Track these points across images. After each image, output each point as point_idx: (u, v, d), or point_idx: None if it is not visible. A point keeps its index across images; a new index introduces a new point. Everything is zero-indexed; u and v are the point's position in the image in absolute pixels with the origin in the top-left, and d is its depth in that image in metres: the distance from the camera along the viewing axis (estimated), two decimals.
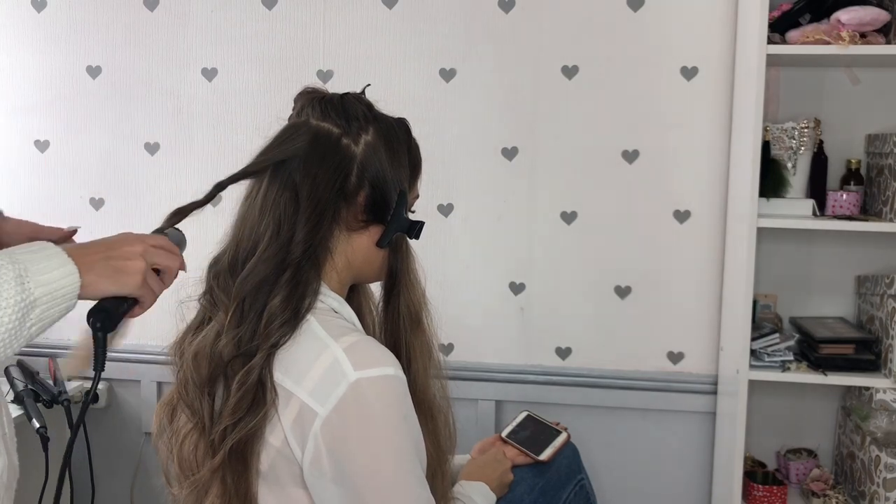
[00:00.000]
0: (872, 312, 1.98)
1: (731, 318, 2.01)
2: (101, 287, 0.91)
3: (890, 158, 1.88)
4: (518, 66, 2.15)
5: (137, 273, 0.93)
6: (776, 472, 2.07)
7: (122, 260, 0.93)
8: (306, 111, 1.12)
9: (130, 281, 0.92)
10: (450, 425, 1.17)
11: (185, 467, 1.09)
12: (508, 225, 2.19)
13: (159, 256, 0.97)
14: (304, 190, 1.05)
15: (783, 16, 1.90)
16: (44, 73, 2.32)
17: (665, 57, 2.10)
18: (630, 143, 2.13)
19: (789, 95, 2.06)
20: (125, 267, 0.92)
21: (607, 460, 2.20)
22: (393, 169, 1.11)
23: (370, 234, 1.11)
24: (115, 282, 0.92)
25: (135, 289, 0.93)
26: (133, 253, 0.94)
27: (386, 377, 0.99)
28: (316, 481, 1.00)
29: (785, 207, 1.93)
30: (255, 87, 2.24)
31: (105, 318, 0.93)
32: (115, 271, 0.92)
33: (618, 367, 2.19)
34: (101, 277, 0.91)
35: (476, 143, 2.18)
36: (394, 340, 1.14)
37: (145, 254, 0.95)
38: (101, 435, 2.37)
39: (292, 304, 1.02)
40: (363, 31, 2.19)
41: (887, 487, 1.84)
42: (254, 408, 1.00)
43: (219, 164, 2.27)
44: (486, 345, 2.23)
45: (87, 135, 2.33)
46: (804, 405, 2.15)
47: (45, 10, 2.30)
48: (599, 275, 2.18)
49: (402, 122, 1.16)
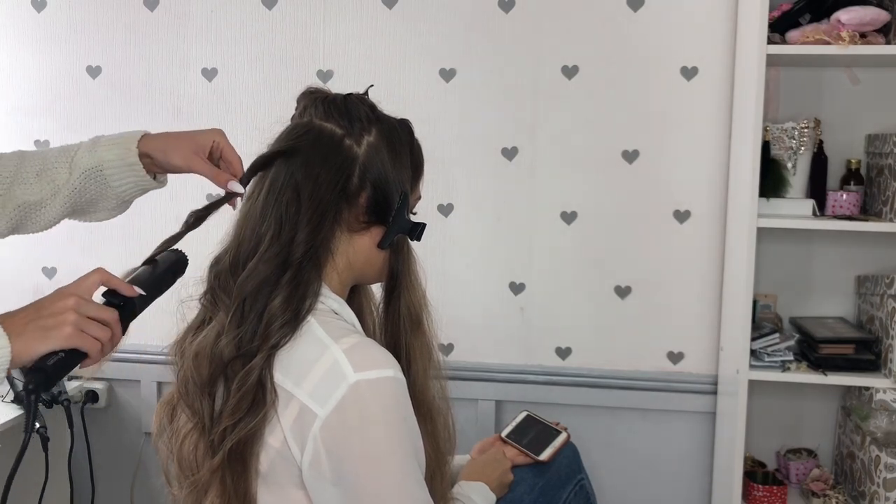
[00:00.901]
0: (872, 312, 1.98)
1: (731, 318, 2.01)
2: (32, 350, 0.88)
3: (890, 158, 1.88)
4: (518, 66, 2.15)
5: (67, 325, 0.90)
6: (776, 472, 2.08)
7: (50, 318, 0.90)
8: (309, 111, 1.12)
9: (61, 334, 0.89)
10: (449, 427, 1.17)
11: (184, 467, 1.10)
12: (508, 225, 2.19)
13: (93, 310, 0.93)
14: (305, 190, 1.05)
15: (783, 16, 1.90)
16: (44, 73, 2.32)
17: (665, 57, 2.10)
18: (630, 143, 2.13)
19: (789, 95, 2.06)
20: (55, 323, 0.90)
21: (607, 460, 2.20)
22: (395, 170, 1.11)
23: (371, 236, 1.11)
24: (45, 339, 0.89)
25: (67, 341, 0.90)
26: (63, 307, 0.91)
27: (385, 379, 0.99)
28: (315, 482, 1.00)
29: (785, 207, 1.93)
30: (255, 87, 2.24)
31: (40, 381, 0.89)
32: (44, 330, 0.89)
33: (618, 367, 2.19)
34: (31, 341, 0.88)
35: (476, 143, 2.18)
36: (394, 342, 1.13)
37: (77, 306, 0.91)
38: (101, 435, 2.37)
39: (293, 305, 1.02)
40: (363, 31, 2.19)
41: (887, 487, 1.84)
42: (254, 408, 1.00)
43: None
44: (486, 345, 2.23)
45: (87, 135, 2.27)
46: (804, 405, 2.15)
47: (45, 10, 2.30)
48: (599, 275, 2.18)
49: (405, 123, 1.16)
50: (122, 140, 1.21)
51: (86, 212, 1.26)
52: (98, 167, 1.20)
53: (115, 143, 1.21)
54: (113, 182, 1.21)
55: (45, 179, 1.20)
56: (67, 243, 2.34)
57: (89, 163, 1.20)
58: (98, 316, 0.93)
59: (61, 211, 1.22)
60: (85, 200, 1.22)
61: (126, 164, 1.20)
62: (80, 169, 1.20)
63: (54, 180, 1.20)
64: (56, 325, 0.89)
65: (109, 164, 1.20)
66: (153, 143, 1.21)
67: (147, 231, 2.29)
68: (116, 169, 1.20)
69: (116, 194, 1.23)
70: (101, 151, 1.20)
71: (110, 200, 1.23)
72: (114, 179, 1.20)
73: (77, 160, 1.20)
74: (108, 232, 2.32)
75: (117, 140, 1.21)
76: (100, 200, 1.23)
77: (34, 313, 0.90)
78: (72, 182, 1.20)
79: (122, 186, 1.22)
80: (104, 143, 1.21)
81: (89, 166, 1.20)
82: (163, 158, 1.20)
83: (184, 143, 1.21)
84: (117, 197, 1.23)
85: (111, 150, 1.20)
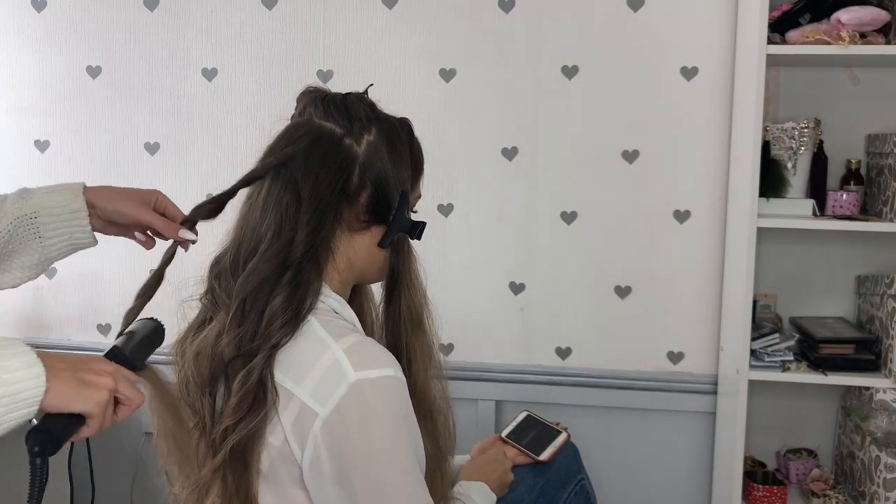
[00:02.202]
0: (872, 312, 1.98)
1: (731, 318, 2.01)
2: (63, 398, 0.82)
3: (890, 158, 1.88)
4: (518, 66, 2.15)
5: (104, 390, 0.84)
6: (776, 472, 2.08)
7: (91, 374, 0.85)
8: (309, 111, 1.12)
9: (95, 397, 0.83)
10: (449, 426, 1.17)
11: None
12: (508, 225, 2.19)
13: (126, 387, 0.88)
14: (305, 190, 1.05)
15: (783, 16, 1.90)
16: (44, 73, 2.32)
17: (665, 57, 2.10)
18: (630, 143, 2.13)
19: (789, 95, 2.06)
20: (93, 381, 0.84)
21: (607, 460, 2.20)
22: (395, 169, 1.11)
23: (372, 235, 1.11)
24: (78, 395, 0.83)
25: (96, 407, 0.84)
26: (104, 370, 0.86)
27: (386, 378, 0.99)
28: (315, 482, 1.00)
29: (785, 207, 1.93)
30: (255, 87, 2.24)
31: (47, 442, 0.82)
32: (81, 383, 0.83)
33: (618, 367, 2.19)
34: (66, 387, 0.82)
35: (476, 143, 2.18)
36: (394, 341, 1.13)
37: (115, 375, 0.87)
38: (101, 435, 2.35)
39: (293, 305, 1.02)
40: (363, 31, 2.19)
41: (887, 487, 1.84)
42: (254, 408, 1.00)
43: (219, 164, 2.27)
44: (486, 345, 2.23)
45: (87, 135, 2.33)
46: (804, 405, 2.15)
47: (45, 10, 2.30)
48: (599, 275, 2.18)
49: (405, 122, 1.16)
50: (64, 187, 1.14)
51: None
52: (33, 213, 1.11)
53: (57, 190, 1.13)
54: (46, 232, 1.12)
55: None
56: None
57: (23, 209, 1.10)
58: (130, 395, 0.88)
59: None
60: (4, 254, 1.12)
61: (69, 210, 1.12)
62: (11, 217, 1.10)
63: None
64: (94, 385, 0.84)
65: (48, 211, 1.11)
66: (98, 193, 1.15)
67: None
68: (54, 217, 1.11)
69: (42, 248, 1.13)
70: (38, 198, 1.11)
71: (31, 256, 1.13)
72: (48, 229, 1.12)
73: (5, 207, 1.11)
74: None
75: (58, 188, 1.14)
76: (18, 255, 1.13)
77: (73, 363, 0.85)
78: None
79: (53, 238, 1.13)
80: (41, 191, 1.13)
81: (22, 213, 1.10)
82: (111, 207, 1.14)
83: (131, 194, 1.17)
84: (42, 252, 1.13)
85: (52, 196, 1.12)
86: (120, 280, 2.34)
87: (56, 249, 1.15)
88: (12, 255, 1.12)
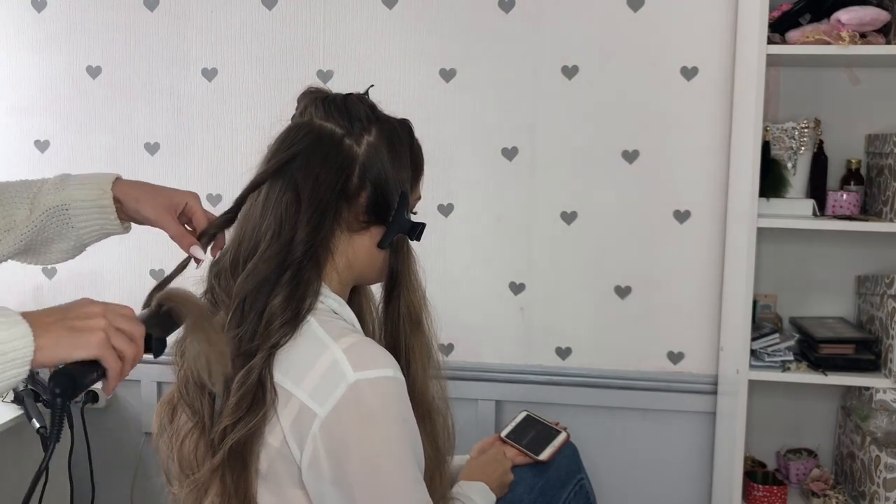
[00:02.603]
0: (872, 312, 1.98)
1: (731, 318, 2.01)
2: (58, 350, 0.81)
3: (890, 158, 1.88)
4: (518, 66, 2.15)
5: (98, 330, 0.83)
6: (776, 472, 2.08)
7: (81, 319, 0.83)
8: (309, 111, 1.12)
9: (92, 339, 0.82)
10: (448, 427, 1.17)
11: (185, 466, 1.10)
12: (508, 225, 2.19)
13: (122, 321, 0.86)
14: (305, 190, 1.05)
15: (783, 16, 1.90)
16: (44, 73, 2.32)
17: (665, 57, 2.10)
18: (630, 143, 2.13)
19: (789, 95, 2.06)
20: (85, 326, 0.83)
21: (607, 460, 2.20)
22: (395, 170, 1.11)
23: (371, 235, 1.11)
24: (73, 342, 0.81)
25: (97, 349, 0.82)
26: (93, 313, 0.84)
27: (385, 378, 0.99)
28: (314, 482, 1.00)
29: (785, 207, 1.93)
30: (255, 87, 2.24)
31: (68, 384, 0.82)
32: (72, 331, 0.82)
33: (618, 367, 2.19)
34: (58, 339, 0.81)
35: (476, 143, 2.18)
36: (394, 342, 1.14)
37: (106, 313, 0.85)
38: (101, 435, 2.37)
39: (293, 305, 1.03)
40: (363, 31, 2.19)
41: (887, 487, 1.84)
42: (253, 408, 1.00)
43: (219, 164, 2.27)
44: (486, 345, 2.23)
45: (87, 135, 2.33)
46: (804, 405, 2.15)
47: (45, 10, 2.30)
48: (599, 275, 2.18)
49: (405, 123, 1.16)
50: (96, 181, 1.16)
51: (37, 252, 1.19)
52: (64, 206, 1.15)
53: (87, 183, 1.16)
54: (77, 223, 1.16)
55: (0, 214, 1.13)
56: None
57: (54, 201, 1.15)
58: (127, 328, 0.86)
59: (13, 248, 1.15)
60: (41, 240, 1.16)
61: (97, 205, 1.15)
62: (44, 207, 1.14)
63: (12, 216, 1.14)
64: (86, 329, 0.83)
65: (77, 204, 1.15)
66: (127, 189, 1.17)
67: (147, 230, 2.28)
68: (84, 209, 1.15)
69: (77, 236, 1.17)
70: (70, 190, 1.15)
71: (67, 241, 1.18)
72: (78, 220, 1.15)
73: (40, 197, 1.15)
74: None
75: (89, 180, 1.17)
76: (56, 241, 1.18)
77: (60, 314, 0.83)
78: (32, 220, 1.14)
79: (84, 228, 1.17)
80: (74, 182, 1.16)
81: (54, 204, 1.14)
82: (133, 206, 1.16)
83: (158, 197, 1.18)
84: (77, 238, 1.18)
85: (81, 190, 1.15)
86: (120, 280, 2.34)
87: (89, 236, 1.19)
88: (50, 241, 1.17)
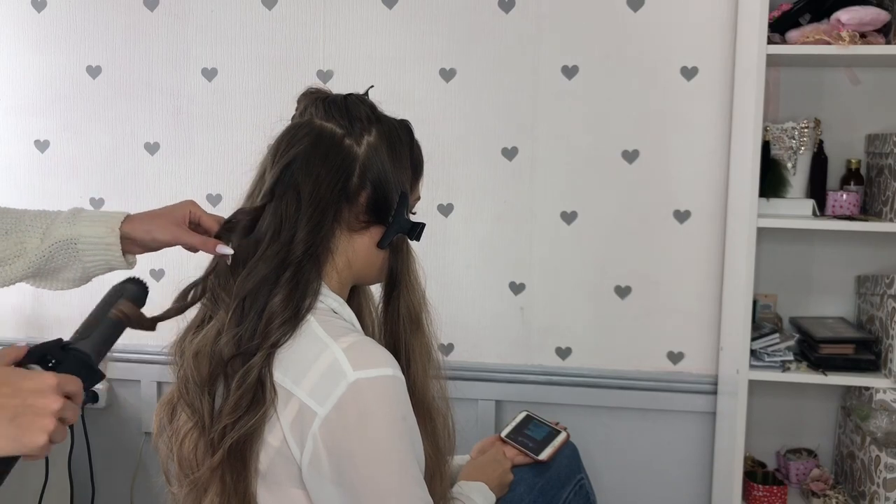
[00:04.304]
0: (872, 312, 1.98)
1: (731, 318, 2.01)
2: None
3: (890, 158, 1.88)
4: (518, 66, 2.15)
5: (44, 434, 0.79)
6: (776, 472, 2.08)
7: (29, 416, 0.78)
8: (309, 111, 1.12)
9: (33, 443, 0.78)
10: (449, 427, 1.17)
11: (184, 466, 1.10)
12: (508, 225, 2.19)
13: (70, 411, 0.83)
14: (305, 189, 1.06)
15: (783, 16, 1.90)
16: (44, 73, 2.32)
17: (665, 57, 2.10)
18: (630, 143, 2.13)
19: (789, 95, 2.06)
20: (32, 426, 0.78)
21: (607, 460, 2.20)
22: (395, 170, 1.11)
23: (371, 235, 1.12)
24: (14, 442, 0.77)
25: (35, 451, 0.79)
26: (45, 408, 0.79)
27: (385, 377, 0.99)
28: (314, 481, 1.00)
29: (785, 207, 1.93)
30: (255, 87, 2.24)
31: None
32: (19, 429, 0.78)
33: (618, 367, 2.19)
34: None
35: (476, 143, 2.18)
36: (393, 341, 1.14)
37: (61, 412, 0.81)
38: (101, 435, 2.37)
39: (292, 304, 1.03)
40: (363, 31, 2.19)
41: (887, 487, 1.84)
42: (253, 407, 1.00)
43: (219, 164, 2.27)
44: (486, 345, 2.23)
45: (87, 135, 2.33)
46: (804, 405, 2.15)
47: (45, 10, 2.30)
48: (599, 275, 2.18)
49: (405, 123, 1.16)
50: (106, 219, 1.20)
51: (46, 278, 1.23)
52: (73, 240, 1.19)
53: (98, 221, 1.20)
54: (84, 257, 1.19)
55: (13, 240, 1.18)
56: None
57: (65, 234, 1.18)
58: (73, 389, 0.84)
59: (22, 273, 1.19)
60: (50, 268, 1.20)
61: (104, 242, 1.19)
62: (54, 238, 1.18)
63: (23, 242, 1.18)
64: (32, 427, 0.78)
65: (86, 240, 1.19)
66: (137, 224, 1.20)
67: None
68: (91, 245, 1.19)
69: (83, 268, 1.21)
70: (80, 226, 1.19)
71: (75, 272, 1.22)
72: (86, 255, 1.19)
73: (52, 229, 1.19)
74: None
75: (100, 218, 1.20)
76: (64, 271, 1.22)
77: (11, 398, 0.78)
78: (42, 248, 1.18)
79: (91, 262, 1.20)
80: (85, 218, 1.20)
81: (64, 237, 1.18)
82: (146, 238, 1.19)
83: (164, 219, 1.20)
84: (83, 270, 1.22)
85: (92, 228, 1.19)
86: (120, 280, 2.33)
87: (95, 269, 1.22)
88: (58, 270, 1.21)
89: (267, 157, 1.12)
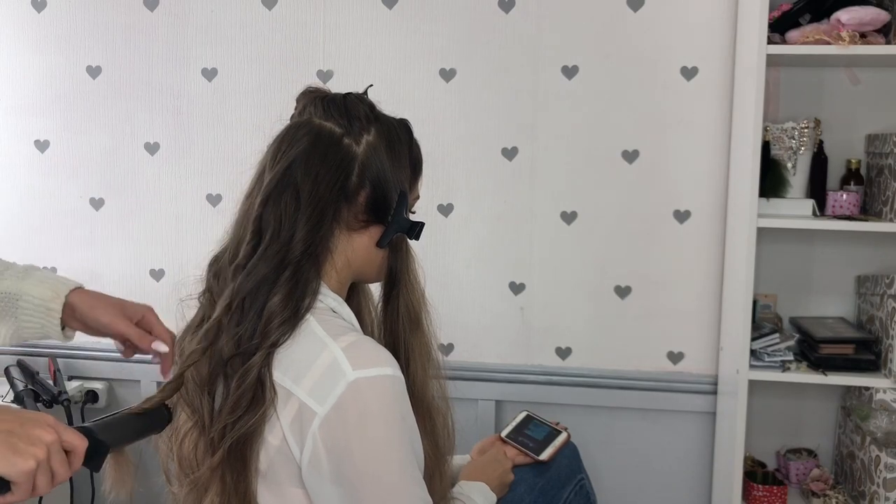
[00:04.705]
0: (872, 312, 1.98)
1: (730, 318, 2.01)
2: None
3: (890, 158, 1.88)
4: (518, 66, 2.15)
5: (33, 459, 0.81)
6: (776, 472, 2.07)
7: (24, 441, 0.81)
8: (308, 110, 1.12)
9: (23, 465, 0.80)
10: (448, 426, 1.17)
11: (184, 465, 1.10)
12: (508, 225, 2.19)
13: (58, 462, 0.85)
14: (305, 189, 1.06)
15: (783, 16, 1.90)
16: (44, 73, 2.32)
17: (665, 57, 2.10)
18: (630, 143, 2.13)
19: (789, 95, 2.06)
20: (25, 450, 0.81)
21: (607, 460, 2.20)
22: (394, 169, 1.11)
23: (370, 234, 1.12)
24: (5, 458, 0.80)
25: (22, 475, 0.80)
26: (40, 438, 0.82)
27: (384, 377, 0.99)
28: (314, 481, 1.00)
29: (785, 207, 1.93)
30: (255, 87, 2.24)
31: None
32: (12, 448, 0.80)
33: (618, 367, 2.19)
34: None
35: (476, 143, 2.18)
36: (393, 341, 1.14)
37: (53, 447, 0.83)
38: None
39: (292, 304, 1.03)
40: (363, 31, 2.19)
41: (887, 487, 1.84)
42: (253, 406, 1.00)
43: (219, 164, 2.27)
44: (486, 345, 2.23)
45: (87, 135, 2.33)
46: (804, 405, 2.15)
47: (45, 10, 2.30)
48: (599, 275, 2.18)
49: (404, 122, 1.17)
50: (55, 284, 1.19)
51: None
52: (16, 296, 1.18)
53: (46, 283, 1.19)
54: (22, 316, 1.18)
55: None
56: (68, 241, 2.34)
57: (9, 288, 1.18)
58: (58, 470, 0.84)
59: None
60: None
61: (45, 306, 1.18)
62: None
63: None
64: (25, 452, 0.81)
65: (28, 299, 1.18)
66: (85, 297, 1.20)
67: (147, 230, 2.30)
68: (32, 305, 1.18)
69: (17, 326, 1.20)
70: (27, 284, 1.18)
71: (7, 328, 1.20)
72: (24, 314, 1.18)
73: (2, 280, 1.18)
74: (109, 231, 2.32)
75: (50, 281, 1.20)
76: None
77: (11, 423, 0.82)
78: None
79: (27, 323, 1.19)
80: (35, 278, 1.20)
81: (7, 291, 1.18)
82: (88, 312, 1.18)
83: (114, 306, 1.20)
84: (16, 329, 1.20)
85: (38, 288, 1.18)
86: (120, 280, 2.34)
87: (28, 333, 1.20)
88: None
89: (266, 156, 1.12)
